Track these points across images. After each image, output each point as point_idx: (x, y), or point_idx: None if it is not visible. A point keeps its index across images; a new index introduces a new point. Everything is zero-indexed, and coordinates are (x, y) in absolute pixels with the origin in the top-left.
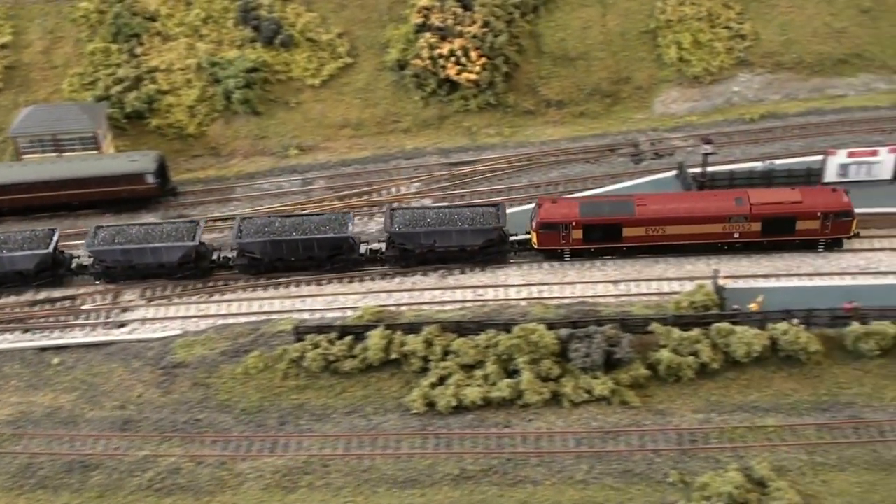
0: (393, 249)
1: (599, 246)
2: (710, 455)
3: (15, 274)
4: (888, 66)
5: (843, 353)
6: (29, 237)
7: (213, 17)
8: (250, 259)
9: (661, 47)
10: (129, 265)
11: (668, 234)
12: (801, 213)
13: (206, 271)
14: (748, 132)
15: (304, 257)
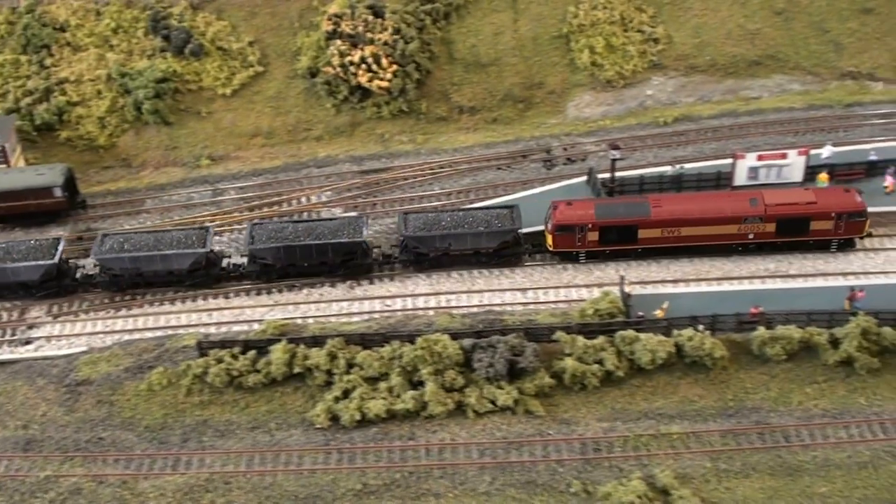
0: (406, 253)
1: (615, 248)
2: (614, 464)
3: (18, 285)
4: (802, 67)
5: (749, 358)
6: (34, 247)
7: (123, 27)
8: (262, 265)
9: (574, 52)
10: (138, 273)
11: (683, 236)
12: (816, 214)
13: (216, 278)
14: (661, 135)
15: (318, 262)
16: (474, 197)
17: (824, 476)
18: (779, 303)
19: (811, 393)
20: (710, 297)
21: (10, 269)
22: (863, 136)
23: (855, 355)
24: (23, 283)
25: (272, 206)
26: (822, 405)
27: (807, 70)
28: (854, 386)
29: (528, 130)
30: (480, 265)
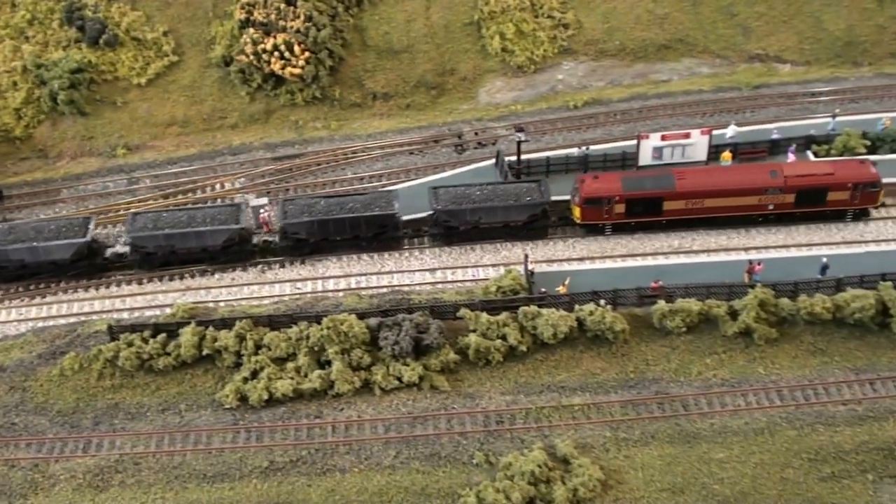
0: (437, 227)
1: (640, 220)
2: (516, 435)
3: (50, 264)
4: (710, 50)
5: (651, 331)
6: (64, 226)
7: (38, 18)
8: (295, 240)
9: (485, 38)
10: (171, 250)
11: (706, 207)
12: (833, 185)
13: (249, 254)
14: (571, 119)
15: (351, 236)
16: (386, 181)
17: (721, 442)
18: (681, 277)
19: (711, 363)
20: (613, 273)
21: (41, 248)
22: (769, 116)
23: (753, 326)
24: (54, 262)
25: (186, 194)
26: (722, 375)
27: (715, 53)
28: (753, 356)
29: (440, 116)
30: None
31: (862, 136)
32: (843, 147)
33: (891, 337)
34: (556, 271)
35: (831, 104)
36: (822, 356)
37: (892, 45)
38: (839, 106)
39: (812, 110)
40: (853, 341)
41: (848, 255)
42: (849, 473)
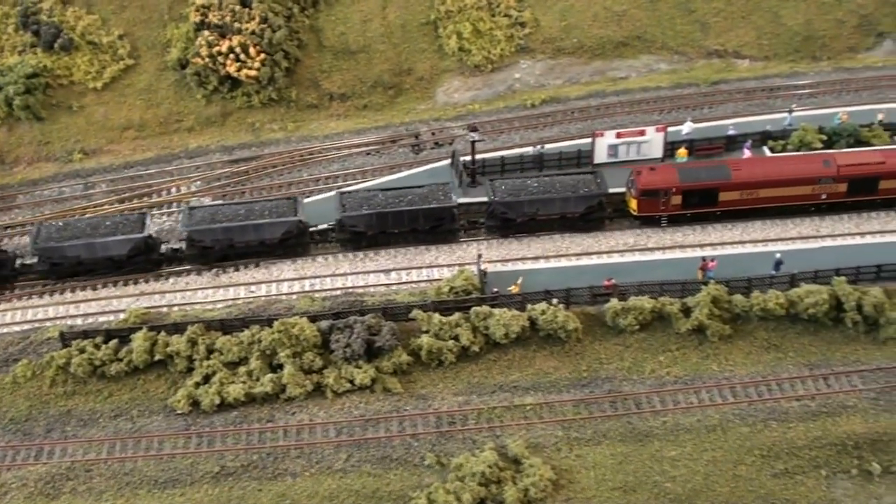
0: (493, 219)
1: (696, 211)
2: (468, 436)
3: (106, 260)
4: (668, 46)
5: (604, 330)
6: (121, 221)
7: None
8: (352, 233)
9: (442, 38)
10: (229, 244)
11: (761, 198)
12: (885, 173)
13: (306, 247)
14: (528, 118)
15: (408, 229)
16: (342, 182)
17: (674, 440)
18: (634, 275)
19: (664, 361)
20: (568, 272)
21: (99, 243)
22: (727, 112)
23: (706, 323)
24: (111, 258)
25: (142, 198)
26: (675, 372)
27: (674, 50)
28: (707, 353)
29: (398, 116)
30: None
31: (818, 131)
32: (799, 142)
33: (845, 332)
34: (510, 270)
35: (790, 99)
36: (776, 352)
37: (851, 40)
38: (796, 101)
39: (770, 106)
40: (807, 336)
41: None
42: (802, 469)
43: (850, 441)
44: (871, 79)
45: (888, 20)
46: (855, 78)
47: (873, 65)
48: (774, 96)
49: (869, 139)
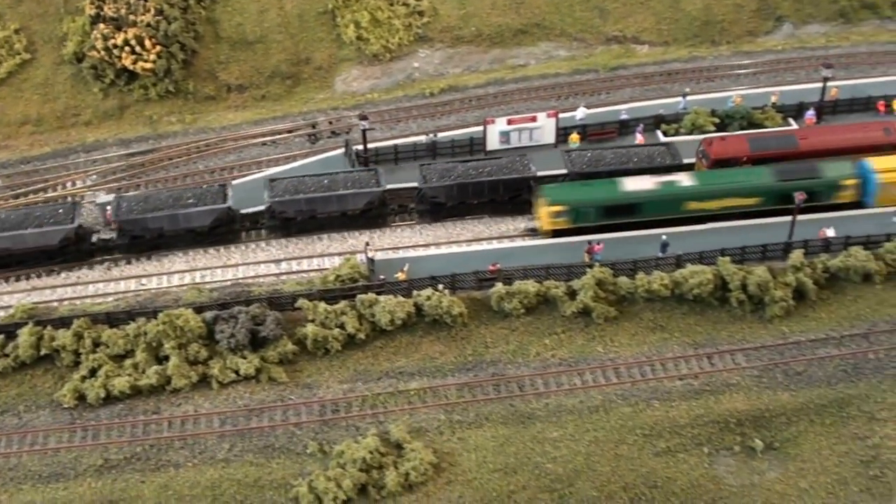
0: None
1: None
2: (351, 423)
3: (188, 231)
4: (567, 33)
5: (490, 314)
6: (203, 193)
7: None
8: (433, 204)
9: (340, 27)
10: (311, 215)
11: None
12: None
13: (386, 217)
14: (427, 106)
15: (488, 199)
16: (237, 173)
17: (556, 421)
18: (521, 259)
19: (549, 344)
20: (454, 259)
21: (181, 215)
22: (624, 97)
23: (591, 305)
24: (193, 229)
25: (37, 193)
26: (560, 355)
27: (573, 36)
28: (592, 335)
29: (296, 106)
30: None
31: (711, 114)
32: (691, 126)
33: (731, 311)
34: (400, 258)
35: (687, 83)
36: (661, 332)
37: (750, 24)
38: (690, 85)
39: (668, 90)
40: (693, 316)
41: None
42: (684, 447)
43: (733, 418)
44: (770, 62)
45: (787, 4)
46: (753, 61)
47: (773, 48)
48: (673, 81)
49: (762, 121)
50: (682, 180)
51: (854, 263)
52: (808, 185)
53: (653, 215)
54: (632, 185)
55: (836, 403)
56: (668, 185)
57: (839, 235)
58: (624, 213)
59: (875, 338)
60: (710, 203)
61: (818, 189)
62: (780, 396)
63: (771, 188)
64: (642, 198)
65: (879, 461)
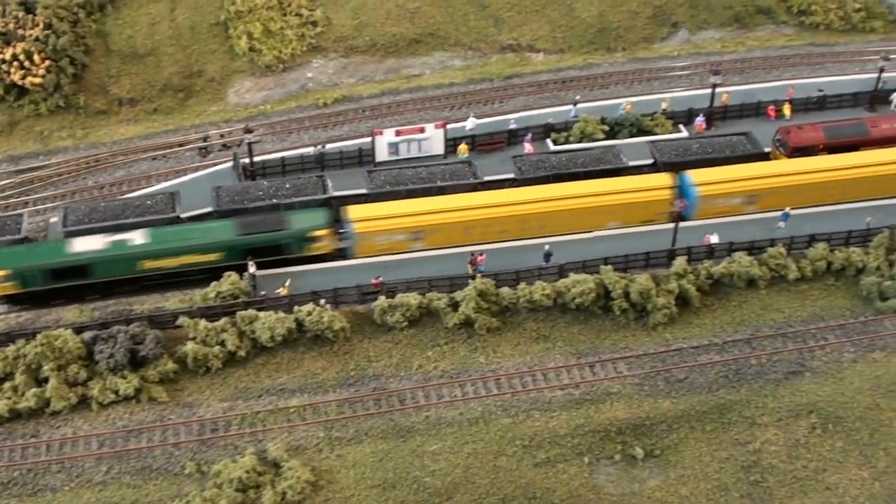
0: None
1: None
2: (230, 442)
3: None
4: (462, 42)
5: (373, 328)
6: (303, 183)
7: None
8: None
9: (233, 38)
10: None
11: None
12: None
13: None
14: (320, 117)
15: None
16: (126, 189)
17: (436, 434)
18: (405, 272)
19: (432, 356)
20: (336, 273)
21: (283, 205)
22: (517, 106)
23: (473, 317)
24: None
25: None
26: (442, 367)
27: (468, 45)
28: (475, 346)
29: (188, 119)
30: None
31: (601, 122)
32: (580, 134)
33: (615, 319)
34: (282, 273)
35: (581, 91)
36: (544, 342)
37: (645, 30)
38: (581, 92)
39: (562, 98)
40: (577, 325)
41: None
42: (564, 457)
43: (614, 427)
44: (664, 68)
45: (682, 10)
46: (648, 68)
47: (668, 54)
48: (567, 89)
49: (651, 128)
50: (135, 238)
51: (738, 269)
52: (273, 239)
53: (106, 276)
54: (80, 246)
55: (718, 409)
56: (119, 244)
57: (723, 241)
58: (75, 276)
59: (758, 343)
60: (167, 261)
61: (285, 241)
62: (662, 404)
63: (232, 244)
64: (91, 259)
65: (760, 466)
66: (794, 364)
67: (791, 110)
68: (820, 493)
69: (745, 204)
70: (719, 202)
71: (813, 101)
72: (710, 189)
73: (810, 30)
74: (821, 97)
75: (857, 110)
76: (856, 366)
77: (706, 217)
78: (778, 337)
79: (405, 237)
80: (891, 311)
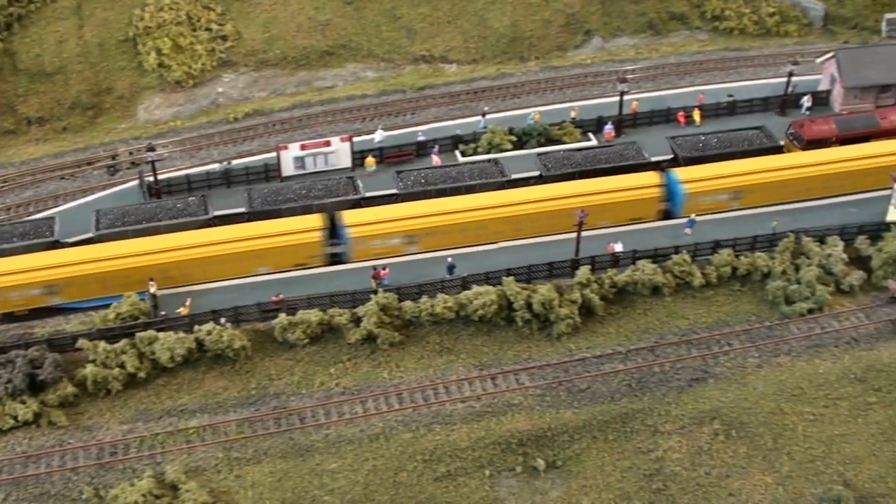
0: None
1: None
2: (129, 465)
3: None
4: (374, 54)
5: (275, 346)
6: (335, 183)
7: None
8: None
9: (142, 54)
10: None
11: None
12: None
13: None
14: (231, 132)
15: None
16: (33, 210)
17: (335, 452)
18: (307, 288)
19: (335, 373)
20: (237, 290)
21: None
22: (428, 117)
23: (376, 331)
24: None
25: None
26: (345, 383)
27: (380, 57)
28: (378, 361)
29: (98, 137)
30: None
31: (508, 132)
32: (488, 145)
33: (519, 330)
34: (182, 292)
35: (494, 101)
36: (448, 355)
37: (558, 39)
38: (493, 103)
39: (474, 109)
40: (481, 337)
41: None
42: (465, 471)
43: (515, 439)
44: (577, 76)
45: (595, 18)
46: (561, 76)
47: (582, 62)
48: (479, 99)
49: (560, 137)
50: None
51: (641, 277)
52: None
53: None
54: None
55: (620, 418)
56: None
57: (627, 250)
58: None
59: (662, 350)
60: None
61: None
62: (563, 414)
63: None
64: None
65: (663, 474)
66: (697, 371)
67: (701, 116)
68: (723, 499)
69: (732, 200)
70: (706, 199)
71: (723, 106)
72: (696, 186)
73: (724, 35)
74: (731, 102)
75: (768, 115)
76: (760, 371)
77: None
78: (682, 344)
79: (400, 241)
80: (796, 315)
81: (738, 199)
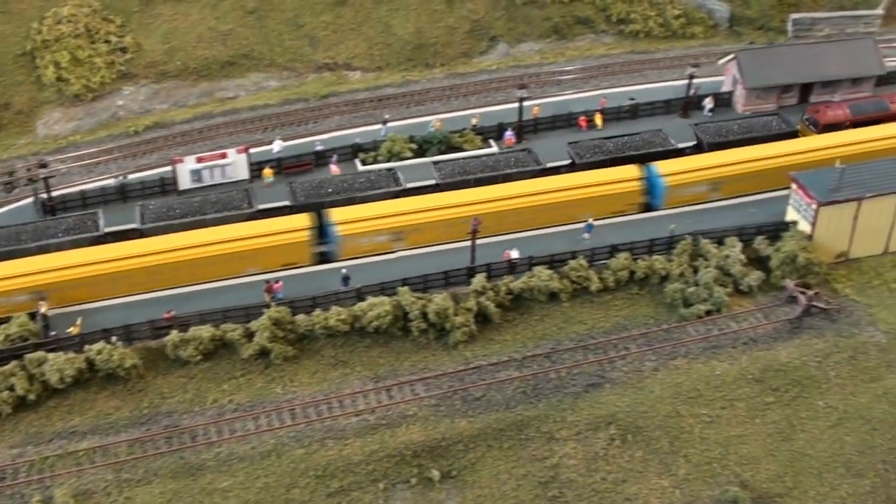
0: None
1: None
2: (17, 491)
3: None
4: (277, 63)
5: (168, 363)
6: (375, 175)
7: None
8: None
9: (40, 68)
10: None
11: None
12: None
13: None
14: (131, 145)
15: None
16: None
17: (227, 471)
18: (199, 304)
19: (228, 389)
20: (129, 308)
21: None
22: (332, 125)
23: (269, 346)
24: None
25: None
26: (238, 399)
27: (283, 66)
28: (272, 376)
29: None
30: None
31: (409, 140)
32: (388, 153)
33: (415, 340)
34: (74, 311)
35: (398, 109)
36: (343, 368)
37: (463, 45)
38: (397, 110)
39: (378, 117)
40: (377, 349)
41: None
42: (359, 485)
43: (409, 450)
44: (482, 82)
45: (500, 24)
46: (465, 83)
47: (488, 68)
48: (383, 107)
49: (461, 144)
50: None
51: (537, 283)
52: None
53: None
54: None
55: (515, 426)
56: None
57: (523, 256)
58: None
59: (558, 356)
60: None
61: None
62: (458, 424)
63: None
64: None
65: (558, 481)
66: (594, 376)
67: (603, 120)
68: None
69: (711, 191)
70: (686, 191)
71: (625, 110)
72: (676, 179)
73: (630, 38)
74: (633, 106)
75: (671, 117)
76: (657, 374)
77: (673, 206)
78: (579, 349)
79: (387, 238)
80: (694, 317)
81: (717, 190)
